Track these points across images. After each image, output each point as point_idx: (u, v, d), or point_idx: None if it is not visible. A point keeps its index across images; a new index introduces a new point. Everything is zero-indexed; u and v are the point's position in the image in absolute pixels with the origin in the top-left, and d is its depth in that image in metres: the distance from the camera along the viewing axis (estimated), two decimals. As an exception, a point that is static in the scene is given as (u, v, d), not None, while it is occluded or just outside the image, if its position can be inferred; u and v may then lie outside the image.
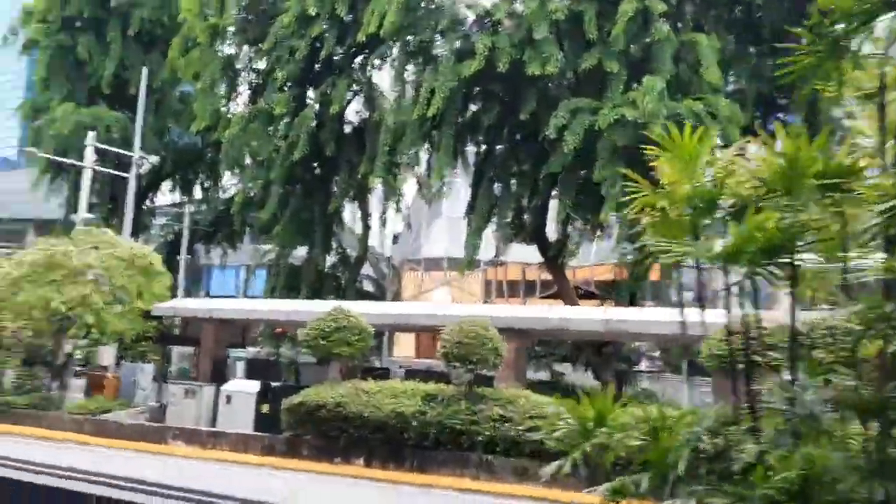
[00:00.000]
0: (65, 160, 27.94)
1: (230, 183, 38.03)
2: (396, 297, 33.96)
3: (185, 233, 34.13)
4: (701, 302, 4.75)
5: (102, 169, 27.15)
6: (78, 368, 22.19)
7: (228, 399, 17.18)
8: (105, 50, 32.47)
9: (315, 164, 29.14)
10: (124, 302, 19.06)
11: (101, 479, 5.01)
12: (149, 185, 35.08)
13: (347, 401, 14.41)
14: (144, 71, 28.25)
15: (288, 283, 28.84)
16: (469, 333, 14.03)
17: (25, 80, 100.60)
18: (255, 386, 17.12)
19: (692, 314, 4.84)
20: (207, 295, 41.27)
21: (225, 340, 19.40)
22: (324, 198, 28.91)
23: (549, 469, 4.42)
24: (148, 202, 36.58)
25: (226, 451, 15.64)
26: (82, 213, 25.10)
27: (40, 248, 18.65)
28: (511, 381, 15.25)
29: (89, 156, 25.38)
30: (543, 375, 22.09)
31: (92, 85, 32.80)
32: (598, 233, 26.43)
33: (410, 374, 18.08)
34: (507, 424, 13.24)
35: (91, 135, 26.17)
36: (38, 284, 17.96)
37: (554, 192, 24.49)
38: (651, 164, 4.68)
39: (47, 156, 27.99)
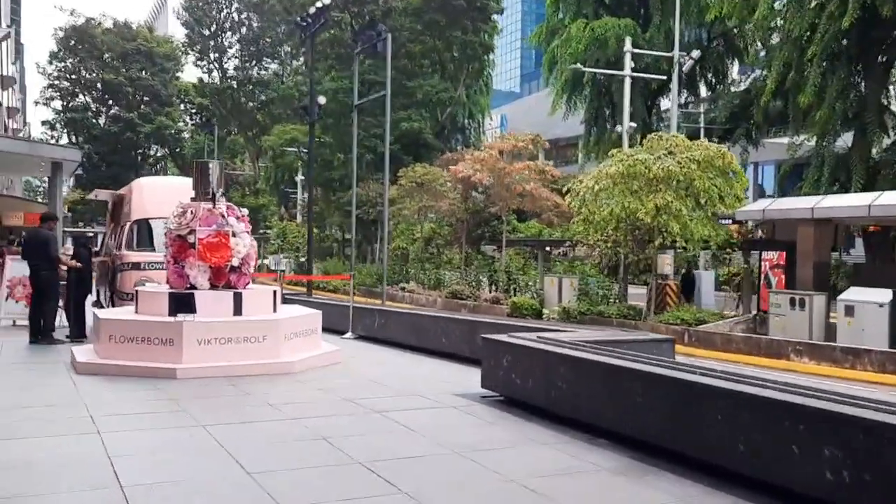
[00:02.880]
0: (603, 71, 28.10)
1: (741, 74, 35.25)
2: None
3: (701, 133, 32.38)
4: None
5: (641, 75, 26.47)
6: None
7: (849, 310, 14.86)
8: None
9: (861, 34, 24.72)
10: (706, 206, 17.91)
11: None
12: (657, 89, 34.11)
13: None
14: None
15: (832, 176, 25.39)
16: None
17: (520, 16, 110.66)
18: (884, 294, 14.42)
19: None
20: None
21: (827, 243, 16.97)
22: (877, 71, 24.75)
23: None
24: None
25: (870, 371, 13.43)
26: (626, 123, 24.84)
27: (617, 158, 18.42)
28: None
29: (628, 63, 24.80)
30: None
31: (596, -2, 32.80)
32: None
33: None
34: None
35: (628, 40, 25.57)
36: (622, 196, 17.81)
37: None
38: None
39: (585, 68, 28.15)
